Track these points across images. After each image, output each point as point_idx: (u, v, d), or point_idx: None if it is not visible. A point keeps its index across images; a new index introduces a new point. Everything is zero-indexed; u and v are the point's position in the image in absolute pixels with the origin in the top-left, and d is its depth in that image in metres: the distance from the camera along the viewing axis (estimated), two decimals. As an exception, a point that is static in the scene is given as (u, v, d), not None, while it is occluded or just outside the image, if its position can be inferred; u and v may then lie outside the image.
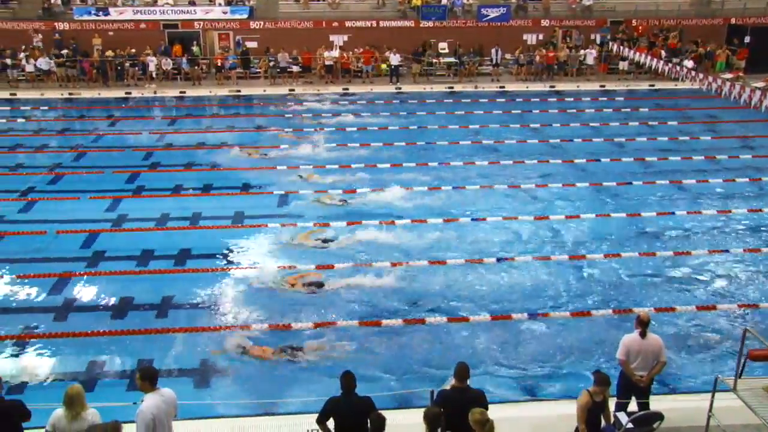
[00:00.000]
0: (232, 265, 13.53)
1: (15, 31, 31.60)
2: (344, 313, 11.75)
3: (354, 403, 7.04)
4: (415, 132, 23.16)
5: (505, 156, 20.36)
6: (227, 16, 32.87)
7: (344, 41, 32.83)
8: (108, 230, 15.05)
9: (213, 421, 8.89)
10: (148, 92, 29.15)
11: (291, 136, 22.54)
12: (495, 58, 31.63)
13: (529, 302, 12.11)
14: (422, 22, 33.20)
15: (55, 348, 10.67)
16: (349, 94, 29.09)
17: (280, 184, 17.95)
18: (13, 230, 15.03)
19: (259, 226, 15.19)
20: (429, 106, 26.82)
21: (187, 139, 22.42)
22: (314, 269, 13.21)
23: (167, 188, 17.73)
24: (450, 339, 11.01)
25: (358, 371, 7.41)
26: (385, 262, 13.40)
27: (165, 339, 10.87)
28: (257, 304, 11.97)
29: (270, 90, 29.64)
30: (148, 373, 6.83)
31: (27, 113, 26.28)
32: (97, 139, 22.46)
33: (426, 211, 16.17)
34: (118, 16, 32.29)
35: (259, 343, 10.77)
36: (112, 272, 13.06)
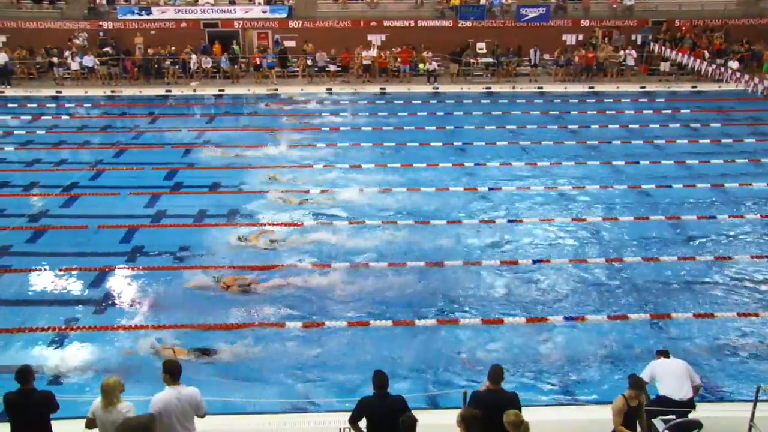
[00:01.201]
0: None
1: (62, 30, 32.36)
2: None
3: (386, 403, 7.02)
4: (452, 132, 23.07)
5: (542, 157, 20.15)
6: (266, 15, 33.16)
7: (382, 41, 32.87)
8: (146, 226, 15.27)
9: (246, 417, 8.98)
10: (188, 90, 29.56)
11: (316, 135, 22.63)
12: (533, 59, 31.33)
13: (564, 305, 11.97)
14: (460, 22, 33.03)
15: (95, 340, 10.86)
16: (386, 93, 29.10)
17: (306, 184, 18.01)
18: (56, 224, 15.36)
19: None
20: (466, 107, 26.68)
21: (226, 136, 22.66)
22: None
23: (204, 185, 17.96)
24: (483, 340, 10.93)
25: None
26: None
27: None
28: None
29: (307, 89, 29.79)
30: (168, 367, 6.90)
31: (71, 110, 26.85)
32: (137, 136, 22.85)
33: (463, 211, 16.09)
34: (160, 15, 32.84)
35: (175, 344, 10.58)
36: (150, 267, 13.25)
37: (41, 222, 15.54)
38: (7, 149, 21.24)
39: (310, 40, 31.91)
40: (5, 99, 28.15)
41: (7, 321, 11.36)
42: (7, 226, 15.13)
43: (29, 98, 28.22)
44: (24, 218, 15.69)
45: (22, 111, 26.35)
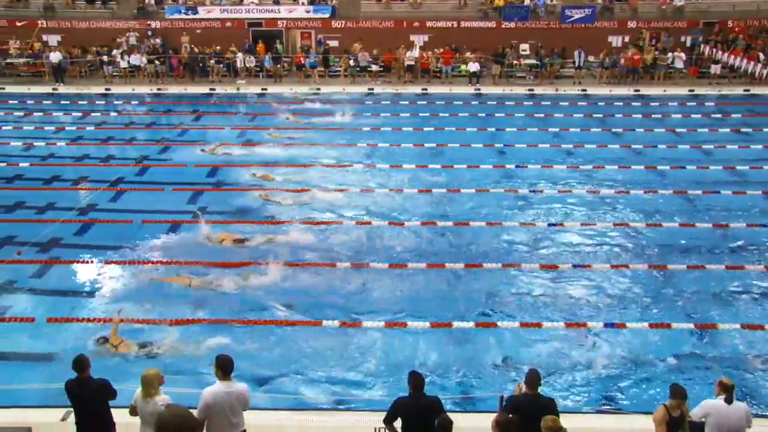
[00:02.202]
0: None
1: (112, 30, 33.14)
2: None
3: (422, 404, 7.01)
4: (493, 134, 22.92)
5: (584, 160, 19.89)
6: (310, 15, 33.45)
7: (425, 41, 32.84)
8: (189, 221, 15.52)
9: (283, 412, 9.06)
10: (232, 88, 29.96)
11: (357, 135, 22.70)
12: (578, 61, 30.92)
13: (605, 311, 11.79)
14: (504, 23, 32.83)
15: (140, 332, 11.06)
16: (428, 94, 29.06)
17: (345, 183, 18.09)
18: (103, 218, 15.72)
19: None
20: (508, 108, 26.47)
21: (266, 135, 22.89)
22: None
23: (248, 183, 18.16)
24: (521, 344, 10.83)
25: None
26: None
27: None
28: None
29: (349, 89, 29.92)
30: (219, 362, 7.00)
31: (119, 107, 27.46)
32: (182, 133, 23.24)
33: (503, 213, 15.98)
34: (206, 15, 33.40)
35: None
36: (191, 262, 13.45)
37: (89, 215, 15.92)
38: (59, 144, 21.83)
39: (353, 40, 32.03)
40: (58, 96, 28.93)
41: (56, 310, 11.66)
42: (57, 218, 15.54)
43: (80, 95, 28.98)
44: (73, 211, 16.10)
45: (73, 107, 27.04)
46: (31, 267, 13.19)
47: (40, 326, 11.16)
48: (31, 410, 8.84)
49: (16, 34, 32.58)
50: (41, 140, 22.19)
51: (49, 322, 11.29)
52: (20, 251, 13.82)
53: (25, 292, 12.35)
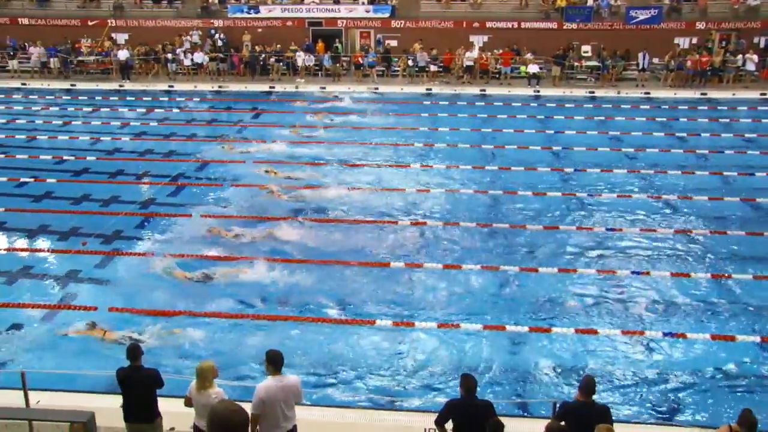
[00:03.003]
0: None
1: (177, 28, 33.96)
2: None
3: (474, 407, 6.96)
4: (552, 136, 22.59)
5: (646, 165, 19.40)
6: (369, 14, 33.58)
7: (484, 42, 32.58)
8: (245, 217, 15.76)
9: (334, 409, 9.12)
10: (291, 87, 30.33)
11: (414, 135, 22.66)
12: (642, 63, 30.14)
13: (664, 319, 11.47)
14: (566, 24, 32.26)
15: (199, 325, 11.29)
16: (486, 95, 28.82)
17: (402, 183, 18.11)
18: (163, 212, 16.10)
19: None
20: (567, 111, 26.04)
21: (325, 134, 23.10)
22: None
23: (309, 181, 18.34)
24: (576, 350, 10.64)
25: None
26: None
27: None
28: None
29: (407, 89, 29.93)
30: (269, 357, 7.07)
31: (181, 104, 28.14)
32: (241, 131, 23.64)
33: (560, 217, 15.74)
34: (268, 14, 33.90)
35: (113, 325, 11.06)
36: (248, 257, 13.65)
37: (150, 209, 16.33)
38: (123, 139, 22.49)
39: (413, 40, 32.02)
40: (124, 92, 29.84)
41: (116, 300, 12.02)
42: (120, 211, 16.01)
43: (145, 92, 29.82)
44: (135, 205, 16.56)
45: (138, 104, 27.86)
46: (95, 258, 13.60)
47: (102, 314, 11.51)
48: (93, 396, 9.15)
49: (88, 33, 33.75)
50: (107, 135, 22.93)
51: (110, 311, 11.64)
52: (85, 242, 14.29)
53: (88, 282, 12.75)
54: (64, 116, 25.84)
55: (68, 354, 10.41)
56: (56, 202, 16.79)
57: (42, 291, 12.47)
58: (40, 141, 22.54)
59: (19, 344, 10.69)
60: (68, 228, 15.12)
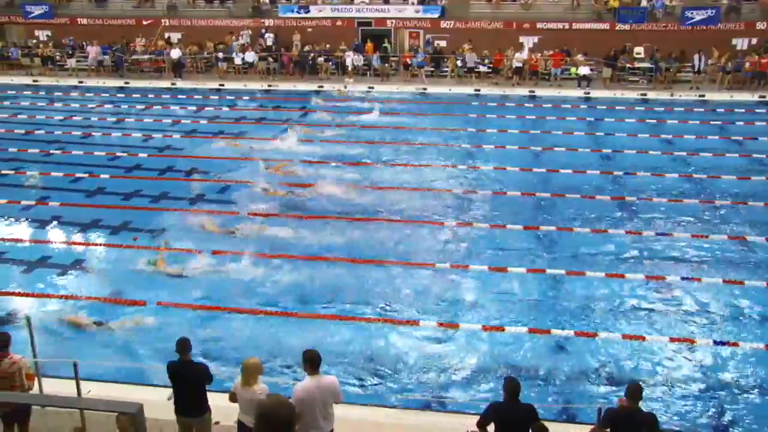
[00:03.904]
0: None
1: (229, 28, 34.51)
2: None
3: (517, 410, 6.87)
4: (602, 138, 22.21)
5: (698, 169, 18.93)
6: (419, 15, 33.54)
7: (534, 43, 32.22)
8: (293, 216, 15.88)
9: (377, 408, 9.13)
10: (339, 86, 30.49)
11: (461, 135, 22.53)
12: (697, 65, 29.36)
13: (714, 327, 11.17)
14: (618, 25, 31.66)
15: (240, 321, 11.46)
16: (535, 97, 28.51)
17: (448, 183, 18.09)
18: (211, 209, 16.34)
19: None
20: (618, 113, 25.56)
21: (371, 133, 23.17)
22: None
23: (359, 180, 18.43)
24: (623, 355, 10.44)
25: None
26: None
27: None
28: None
29: (455, 89, 29.81)
30: (307, 357, 7.08)
31: (231, 102, 28.57)
32: (286, 129, 23.82)
33: (608, 220, 15.47)
34: (318, 14, 34.18)
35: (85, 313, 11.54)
36: (294, 255, 13.77)
37: (197, 205, 16.60)
38: (174, 137, 22.94)
39: (462, 41, 31.88)
40: (176, 91, 30.44)
41: (165, 294, 12.24)
42: (169, 207, 16.33)
43: (196, 90, 30.37)
44: (184, 201, 16.86)
45: (189, 102, 28.40)
46: (146, 253, 13.89)
47: (150, 308, 11.77)
48: (141, 387, 9.36)
49: (142, 33, 34.57)
50: (159, 132, 23.43)
51: (159, 305, 11.88)
52: (136, 237, 14.62)
53: (138, 277, 13.03)
54: (118, 113, 26.51)
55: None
56: (109, 198, 17.22)
57: (92, 283, 12.79)
58: (94, 137, 23.16)
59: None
60: (120, 223, 15.48)
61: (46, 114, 26.46)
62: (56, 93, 30.37)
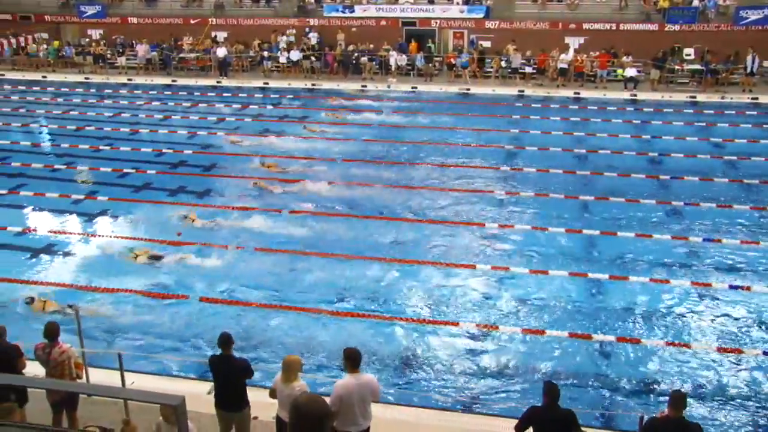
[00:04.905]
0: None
1: (274, 27, 34.85)
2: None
3: (556, 415, 6.79)
4: (648, 142, 21.80)
5: (749, 174, 18.41)
6: (464, 15, 33.35)
7: (579, 44, 31.75)
8: (336, 214, 15.96)
9: (414, 409, 9.13)
10: (383, 86, 30.55)
11: (503, 137, 22.35)
12: (750, 66, 28.54)
13: (764, 338, 10.85)
14: (668, 26, 30.96)
15: (285, 317, 11.58)
16: (580, 98, 28.12)
17: (490, 185, 17.97)
18: (254, 206, 16.50)
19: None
20: (666, 116, 25.04)
21: (417, 133, 23.15)
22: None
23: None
24: (667, 363, 10.23)
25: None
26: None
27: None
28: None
29: (499, 90, 29.57)
30: (348, 355, 7.12)
31: (275, 101, 28.85)
32: (330, 128, 23.98)
33: (653, 225, 15.17)
34: (362, 13, 34.25)
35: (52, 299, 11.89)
36: (336, 254, 13.82)
37: (241, 203, 16.79)
38: (218, 134, 23.27)
39: (506, 41, 31.63)
40: (221, 89, 30.87)
41: (208, 290, 12.45)
42: (213, 204, 16.56)
43: (240, 88, 30.74)
44: (227, 198, 17.07)
45: (233, 100, 28.77)
46: (189, 248, 14.12)
47: (193, 303, 11.97)
48: (182, 380, 9.53)
49: (190, 31, 35.16)
50: (204, 130, 23.79)
51: (201, 300, 12.07)
52: (179, 233, 14.86)
53: (182, 271, 13.24)
54: (165, 111, 27.00)
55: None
56: (154, 193, 17.54)
57: (138, 277, 13.06)
58: (141, 134, 23.65)
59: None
60: (164, 218, 15.76)
61: (97, 111, 27.11)
62: (106, 90, 31.11)
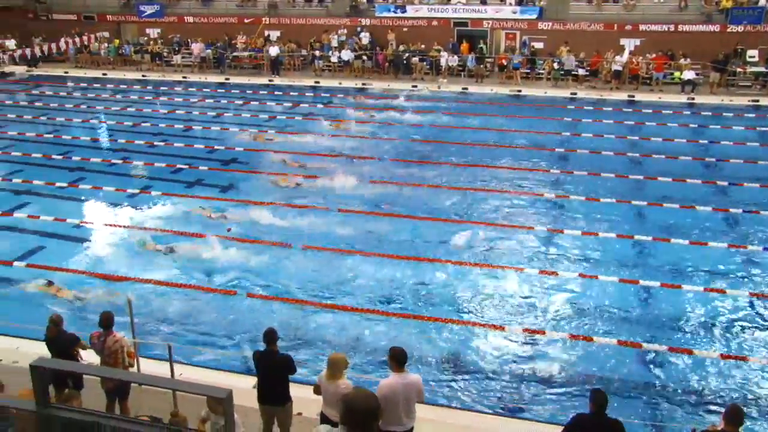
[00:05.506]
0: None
1: (325, 26, 35.11)
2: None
3: (603, 423, 6.63)
4: (706, 147, 21.19)
5: (814, 182, 17.76)
6: (516, 15, 33.01)
7: (635, 45, 31.06)
8: (380, 214, 15.98)
9: (460, 412, 9.04)
10: (433, 87, 30.45)
11: (554, 140, 22.00)
12: (816, 70, 27.53)
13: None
14: (730, 27, 30.04)
15: (327, 316, 11.62)
16: (635, 101, 27.52)
17: (540, 187, 17.69)
18: (302, 204, 16.61)
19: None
20: (725, 120, 24.35)
21: (466, 134, 23.01)
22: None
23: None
24: (720, 375, 9.90)
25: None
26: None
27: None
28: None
29: (551, 92, 29.18)
30: (394, 354, 7.07)
31: (325, 99, 29.04)
32: (383, 127, 24.03)
33: (709, 232, 14.73)
34: (414, 14, 34.22)
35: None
36: (382, 254, 13.85)
37: (289, 201, 16.93)
38: (269, 132, 23.53)
39: (559, 42, 31.19)
40: (273, 87, 31.24)
41: (255, 287, 12.60)
42: (263, 201, 16.75)
43: (292, 87, 31.05)
44: (274, 196, 17.22)
45: (284, 98, 29.07)
46: (238, 244, 14.31)
47: (240, 299, 12.11)
48: (228, 374, 9.66)
49: (243, 30, 35.71)
50: (255, 127, 24.07)
51: (249, 297, 12.21)
52: (230, 228, 15.07)
53: (231, 267, 13.40)
54: (218, 108, 27.43)
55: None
56: (206, 190, 17.84)
57: (187, 271, 13.29)
58: (195, 131, 24.09)
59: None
60: (216, 213, 15.99)
61: (152, 107, 27.76)
62: (162, 87, 31.87)
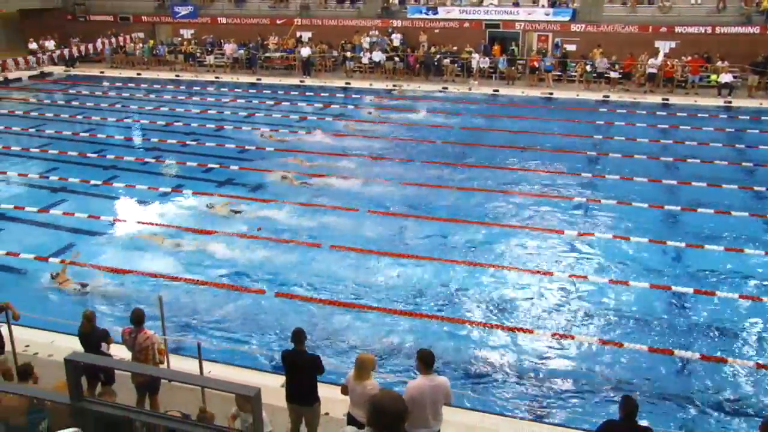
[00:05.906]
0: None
1: (357, 28, 35.20)
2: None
3: (634, 431, 6.55)
4: (742, 151, 20.80)
5: None
6: (549, 17, 32.72)
7: (670, 48, 30.60)
8: (410, 215, 15.98)
9: (484, 415, 9.00)
10: (464, 88, 30.34)
11: (586, 144, 21.76)
12: None
13: None
14: (771, 28, 29.44)
15: (357, 317, 11.62)
16: (669, 105, 27.12)
17: (571, 191, 17.57)
18: (328, 204, 16.59)
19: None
20: (764, 124, 23.88)
21: (497, 136, 22.90)
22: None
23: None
24: (754, 385, 9.70)
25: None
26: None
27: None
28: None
29: (583, 95, 28.90)
30: (421, 356, 7.03)
31: (356, 101, 29.11)
32: (410, 129, 24.01)
33: (746, 239, 14.45)
34: (446, 15, 34.15)
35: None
36: (411, 255, 13.84)
37: (316, 200, 16.97)
38: (299, 132, 23.64)
39: (592, 45, 30.88)
40: (304, 88, 31.41)
41: (283, 286, 12.66)
42: (292, 201, 16.83)
43: (323, 88, 31.19)
44: (301, 197, 17.28)
45: (316, 99, 29.21)
46: (267, 244, 14.39)
47: (269, 298, 12.19)
48: (256, 372, 9.73)
49: (275, 31, 35.98)
50: (285, 128, 24.22)
51: (277, 296, 12.27)
52: (260, 227, 15.17)
53: (259, 266, 13.49)
54: (249, 108, 27.65)
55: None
56: (237, 189, 17.98)
57: (217, 269, 13.39)
58: (226, 130, 24.31)
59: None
60: (247, 213, 16.10)
61: (185, 107, 28.10)
62: (195, 87, 32.24)
